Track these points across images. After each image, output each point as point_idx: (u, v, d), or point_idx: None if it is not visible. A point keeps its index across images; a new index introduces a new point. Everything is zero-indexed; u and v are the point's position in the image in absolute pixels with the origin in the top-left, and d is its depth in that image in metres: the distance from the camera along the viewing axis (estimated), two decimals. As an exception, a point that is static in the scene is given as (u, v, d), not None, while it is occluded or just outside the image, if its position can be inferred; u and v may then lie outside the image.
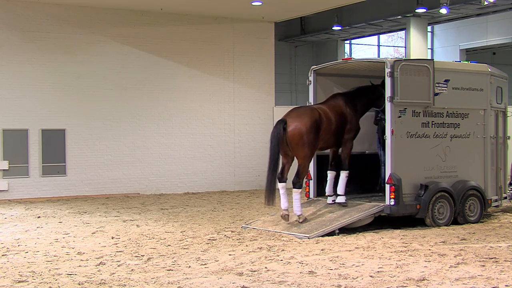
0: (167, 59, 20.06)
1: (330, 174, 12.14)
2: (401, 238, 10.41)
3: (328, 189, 12.14)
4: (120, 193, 19.03)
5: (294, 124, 10.99)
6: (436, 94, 11.89)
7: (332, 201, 11.99)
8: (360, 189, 13.03)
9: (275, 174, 11.02)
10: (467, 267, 8.10)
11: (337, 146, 11.95)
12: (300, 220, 11.16)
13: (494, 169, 13.11)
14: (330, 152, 12.14)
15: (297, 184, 11.11)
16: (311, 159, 11.48)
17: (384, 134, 11.73)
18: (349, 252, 9.20)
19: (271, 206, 11.28)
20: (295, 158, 11.29)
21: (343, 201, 11.84)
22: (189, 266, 8.32)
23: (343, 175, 11.91)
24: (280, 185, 11.18)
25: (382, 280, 7.38)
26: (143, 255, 9.10)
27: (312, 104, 12.30)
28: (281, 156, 11.17)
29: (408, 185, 11.51)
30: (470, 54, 25.73)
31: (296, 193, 11.16)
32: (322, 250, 9.36)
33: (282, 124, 11.01)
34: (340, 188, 11.91)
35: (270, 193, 10.98)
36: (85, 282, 7.49)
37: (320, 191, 12.72)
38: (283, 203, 11.17)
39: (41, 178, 18.18)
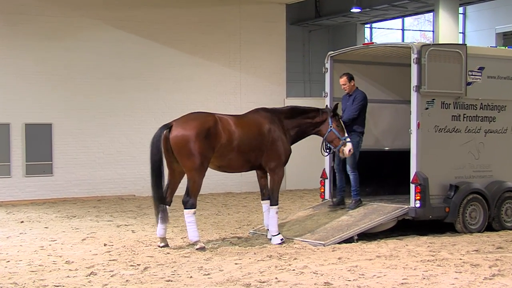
0: (166, 45, 20.06)
1: (264, 205, 11.11)
2: (428, 246, 10.39)
3: (265, 221, 11.19)
4: (113, 195, 19.05)
5: (178, 129, 10.26)
6: (468, 84, 11.84)
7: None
8: (381, 189, 13.06)
9: (160, 191, 10.33)
10: (504, 279, 8.06)
11: (250, 169, 11.06)
12: (197, 246, 10.19)
13: (534, 169, 13.04)
14: (257, 178, 11.28)
15: (188, 203, 10.22)
16: (204, 172, 10.38)
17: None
18: (369, 261, 9.18)
19: (165, 224, 10.49)
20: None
21: (279, 241, 10.63)
22: (191, 277, 8.32)
23: (273, 211, 10.82)
24: (185, 212, 10.31)
25: (407, 293, 7.37)
26: (139, 264, 9.10)
27: (328, 93, 11.80)
28: (168, 170, 10.48)
29: (436, 185, 11.48)
30: (508, 38, 25.58)
31: (187, 214, 10.26)
32: (339, 258, 9.35)
33: (165, 129, 10.33)
34: (272, 227, 10.82)
35: (158, 210, 10.33)
36: (74, 294, 7.51)
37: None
38: (159, 229, 10.43)
39: (24, 178, 18.22)
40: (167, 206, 10.59)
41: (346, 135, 11.18)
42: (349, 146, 11.11)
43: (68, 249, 10.48)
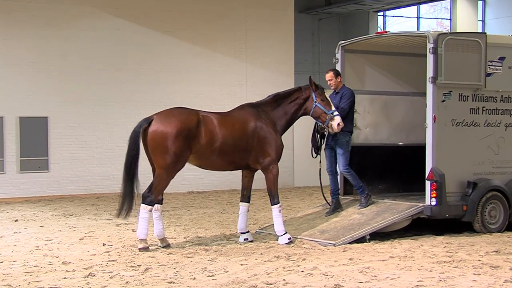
0: (167, 35, 20.06)
1: (242, 207, 11.23)
2: (445, 246, 10.37)
3: (239, 224, 11.20)
4: (112, 192, 19.01)
5: (157, 125, 10.34)
6: (488, 75, 11.82)
7: (244, 239, 11.00)
8: (394, 186, 13.06)
9: (130, 185, 10.44)
10: (525, 280, 8.04)
11: (236, 169, 11.23)
12: (140, 246, 10.25)
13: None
14: (241, 178, 11.45)
15: (147, 199, 10.28)
16: (174, 172, 10.45)
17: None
18: (382, 262, 9.17)
19: (123, 219, 10.75)
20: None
21: (286, 241, 10.63)
22: (194, 278, 8.33)
23: (275, 211, 10.89)
24: (141, 206, 10.36)
25: (422, 296, 7.37)
26: (139, 265, 9.12)
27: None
28: (151, 166, 10.60)
29: (453, 182, 11.45)
30: (530, 26, 25.51)
31: (143, 210, 10.28)
32: (350, 259, 9.35)
33: (144, 122, 10.45)
34: (278, 227, 10.83)
35: (123, 205, 10.46)
36: (71, 296, 7.53)
37: (347, 189, 12.70)
38: (156, 230, 10.54)
39: (19, 175, 18.27)
40: (159, 205, 10.63)
41: (333, 108, 11.12)
42: (337, 119, 11.03)
43: (65, 249, 10.49)
